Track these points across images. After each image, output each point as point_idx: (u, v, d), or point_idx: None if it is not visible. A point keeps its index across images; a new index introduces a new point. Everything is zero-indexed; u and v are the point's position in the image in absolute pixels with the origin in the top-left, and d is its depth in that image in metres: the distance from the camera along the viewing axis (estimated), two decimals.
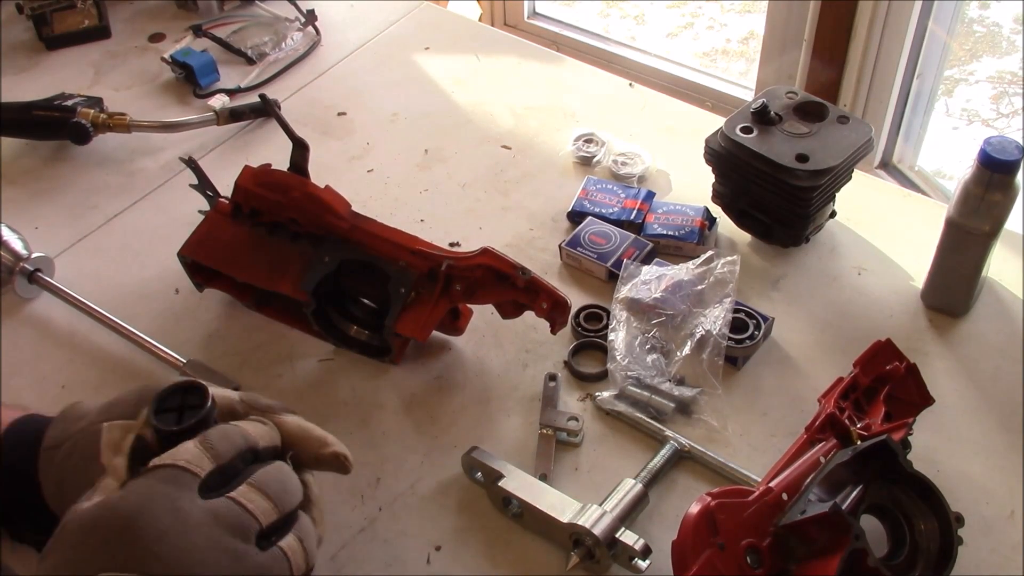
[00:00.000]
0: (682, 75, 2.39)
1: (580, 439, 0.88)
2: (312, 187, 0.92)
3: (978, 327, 0.96)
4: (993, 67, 2.65)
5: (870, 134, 0.98)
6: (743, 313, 0.94)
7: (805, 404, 0.88)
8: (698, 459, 0.85)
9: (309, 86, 1.36)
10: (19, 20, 1.48)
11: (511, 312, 0.92)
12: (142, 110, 1.33)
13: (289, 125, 0.94)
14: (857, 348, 0.83)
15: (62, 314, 1.02)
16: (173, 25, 1.49)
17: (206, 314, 1.02)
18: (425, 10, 1.50)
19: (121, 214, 1.16)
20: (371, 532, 0.82)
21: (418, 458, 0.88)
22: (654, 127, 1.25)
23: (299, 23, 1.44)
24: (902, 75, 1.89)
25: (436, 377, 0.95)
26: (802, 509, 0.67)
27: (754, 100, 1.00)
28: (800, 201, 0.96)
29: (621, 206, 1.09)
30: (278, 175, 0.94)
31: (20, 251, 1.03)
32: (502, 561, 0.79)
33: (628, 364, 0.91)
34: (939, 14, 1.82)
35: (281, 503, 0.60)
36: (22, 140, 1.26)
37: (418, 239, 0.91)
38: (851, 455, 0.70)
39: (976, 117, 2.54)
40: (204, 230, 0.97)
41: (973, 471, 0.84)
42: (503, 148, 1.23)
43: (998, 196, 0.87)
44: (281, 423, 0.67)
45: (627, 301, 0.96)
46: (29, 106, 1.22)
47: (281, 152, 0.95)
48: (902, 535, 0.72)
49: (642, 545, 0.74)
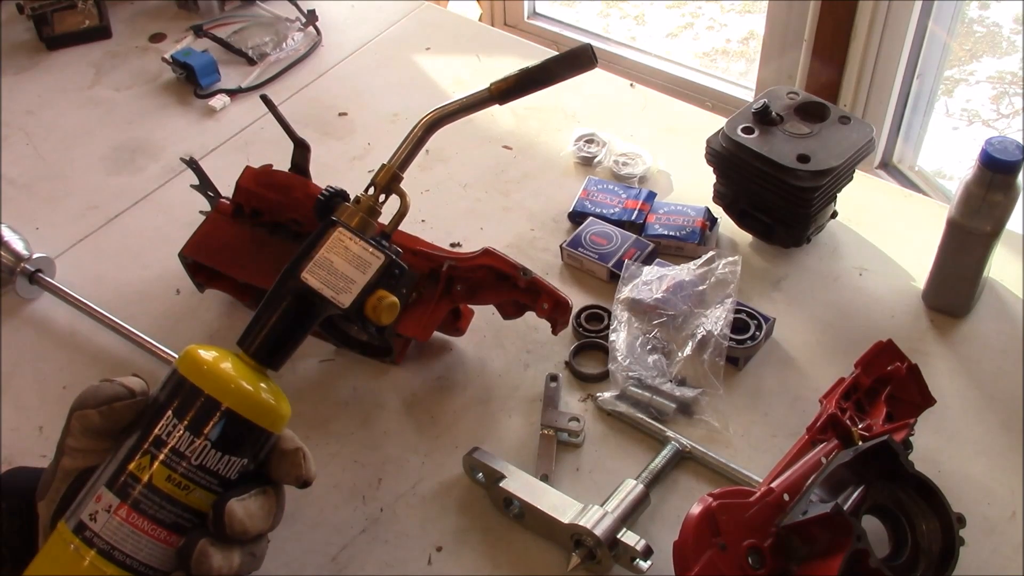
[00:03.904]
0: (682, 75, 2.39)
1: (581, 440, 0.88)
2: (313, 187, 0.93)
3: (979, 328, 0.96)
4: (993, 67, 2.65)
5: (871, 134, 0.98)
6: (744, 313, 0.94)
7: (806, 405, 0.88)
8: (699, 460, 0.85)
9: (310, 86, 1.36)
10: (20, 20, 1.48)
11: (512, 312, 0.92)
12: (142, 110, 1.33)
13: (290, 125, 0.94)
14: (858, 349, 0.83)
15: (63, 314, 1.02)
16: (174, 25, 1.48)
17: (207, 314, 1.02)
18: (425, 10, 1.50)
19: (122, 214, 1.16)
20: (372, 533, 0.82)
21: (419, 459, 0.88)
22: (655, 127, 1.24)
23: (300, 23, 1.44)
24: (902, 75, 1.89)
25: (437, 378, 0.95)
26: (804, 510, 0.67)
27: (755, 100, 1.00)
28: (801, 201, 0.96)
29: (622, 206, 1.09)
30: (279, 175, 0.94)
31: (21, 252, 1.03)
32: (503, 562, 0.79)
33: (629, 365, 0.91)
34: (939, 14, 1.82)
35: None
36: (22, 140, 1.27)
37: (419, 239, 0.91)
38: (852, 456, 0.70)
39: (976, 117, 2.54)
40: (205, 230, 0.97)
41: (975, 471, 0.84)
42: (504, 148, 1.23)
43: (999, 196, 0.87)
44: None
45: (628, 302, 0.96)
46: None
47: (282, 152, 0.96)
48: (904, 536, 0.72)
49: (643, 546, 0.74)
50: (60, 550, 0.60)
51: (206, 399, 0.61)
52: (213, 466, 0.61)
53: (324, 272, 0.68)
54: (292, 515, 0.84)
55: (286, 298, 0.68)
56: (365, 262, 0.70)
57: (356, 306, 0.69)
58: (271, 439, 0.64)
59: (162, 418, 0.61)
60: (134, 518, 0.59)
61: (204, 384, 0.61)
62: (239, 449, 0.62)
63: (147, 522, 0.59)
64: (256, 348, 0.66)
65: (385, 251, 0.71)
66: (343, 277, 0.69)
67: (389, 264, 0.70)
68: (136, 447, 0.61)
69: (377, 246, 0.71)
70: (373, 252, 0.70)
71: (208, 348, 0.64)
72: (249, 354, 0.66)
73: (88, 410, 0.61)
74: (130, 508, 0.59)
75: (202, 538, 0.59)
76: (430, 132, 0.80)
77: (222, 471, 0.61)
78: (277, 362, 0.67)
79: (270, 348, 0.67)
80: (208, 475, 0.61)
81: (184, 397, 0.61)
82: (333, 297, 0.68)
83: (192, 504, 0.61)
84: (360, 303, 0.69)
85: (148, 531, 0.59)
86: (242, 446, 0.62)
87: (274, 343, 0.67)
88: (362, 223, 0.73)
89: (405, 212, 0.77)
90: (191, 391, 0.61)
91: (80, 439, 0.62)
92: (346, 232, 0.70)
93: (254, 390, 0.62)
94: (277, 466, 0.64)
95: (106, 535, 0.59)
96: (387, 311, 0.70)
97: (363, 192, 0.76)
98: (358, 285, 0.69)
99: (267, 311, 0.67)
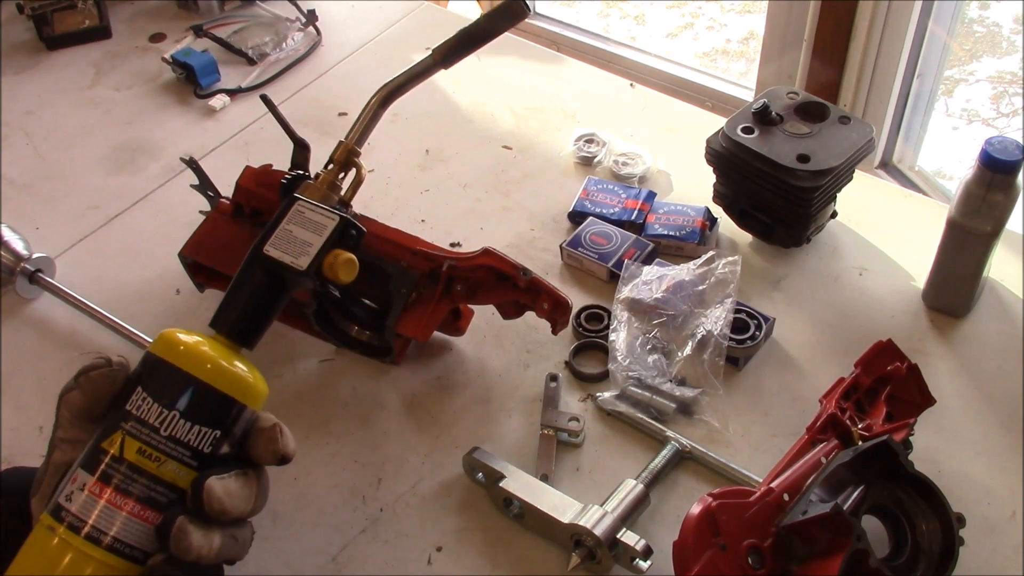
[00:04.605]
0: (682, 75, 2.38)
1: (581, 439, 0.88)
2: None
3: (979, 328, 0.96)
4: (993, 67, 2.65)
5: (871, 134, 0.98)
6: (744, 313, 0.94)
7: (806, 404, 0.88)
8: (699, 459, 0.85)
9: (310, 86, 1.36)
10: (20, 20, 1.48)
11: (512, 312, 0.92)
12: (142, 110, 1.33)
13: (290, 125, 0.94)
14: (858, 348, 0.83)
15: (63, 314, 1.02)
16: (174, 25, 1.49)
17: (207, 314, 0.99)
18: (425, 10, 1.50)
19: (122, 214, 1.16)
20: (372, 533, 0.82)
21: (419, 459, 0.88)
22: (655, 127, 1.24)
23: (300, 23, 1.44)
24: (902, 75, 1.89)
25: (437, 377, 0.95)
26: (803, 510, 0.67)
27: (755, 100, 1.00)
28: (801, 201, 0.96)
29: (622, 206, 1.09)
30: (279, 175, 0.94)
31: (21, 251, 1.03)
32: (503, 562, 0.79)
33: (629, 364, 0.91)
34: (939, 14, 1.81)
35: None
36: (22, 140, 1.27)
37: (419, 239, 0.91)
38: (852, 456, 0.70)
39: (976, 117, 2.53)
40: (205, 230, 0.97)
41: (975, 471, 0.84)
42: (504, 148, 1.23)
43: (999, 196, 0.87)
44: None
45: (628, 301, 0.96)
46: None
47: (282, 152, 0.95)
48: (904, 536, 0.72)
49: (643, 546, 0.74)
50: (38, 534, 0.59)
51: (173, 370, 0.61)
52: (183, 436, 0.60)
53: (284, 242, 0.71)
54: (292, 515, 0.84)
55: (253, 274, 0.70)
56: (321, 225, 0.72)
57: (314, 267, 0.71)
58: (244, 412, 0.63)
59: (132, 394, 0.61)
60: (108, 493, 0.59)
61: (172, 358, 0.62)
62: (210, 420, 0.61)
63: (119, 496, 0.59)
64: (229, 328, 0.67)
65: (340, 213, 0.73)
66: (301, 243, 0.71)
67: (344, 224, 0.73)
68: (109, 426, 0.61)
69: (331, 210, 0.73)
70: (327, 215, 0.73)
71: (184, 332, 0.64)
72: (223, 334, 0.67)
73: (70, 392, 0.61)
74: (101, 483, 0.59)
75: (180, 515, 0.58)
76: (384, 107, 0.83)
77: (193, 442, 0.61)
78: (251, 341, 0.68)
79: (243, 327, 0.68)
80: (179, 446, 0.60)
81: (152, 371, 0.62)
82: (292, 262, 0.70)
83: (165, 477, 0.60)
84: (318, 264, 0.71)
85: (120, 505, 0.59)
86: (213, 416, 0.61)
87: (246, 321, 0.68)
88: (323, 197, 0.76)
89: (361, 181, 0.80)
90: (159, 365, 0.62)
91: (68, 429, 0.62)
92: (304, 203, 0.73)
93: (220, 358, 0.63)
94: (255, 446, 0.64)
95: (80, 513, 0.58)
96: (343, 267, 0.72)
97: (323, 168, 0.77)
98: (314, 247, 0.71)
99: (236, 291, 0.69)
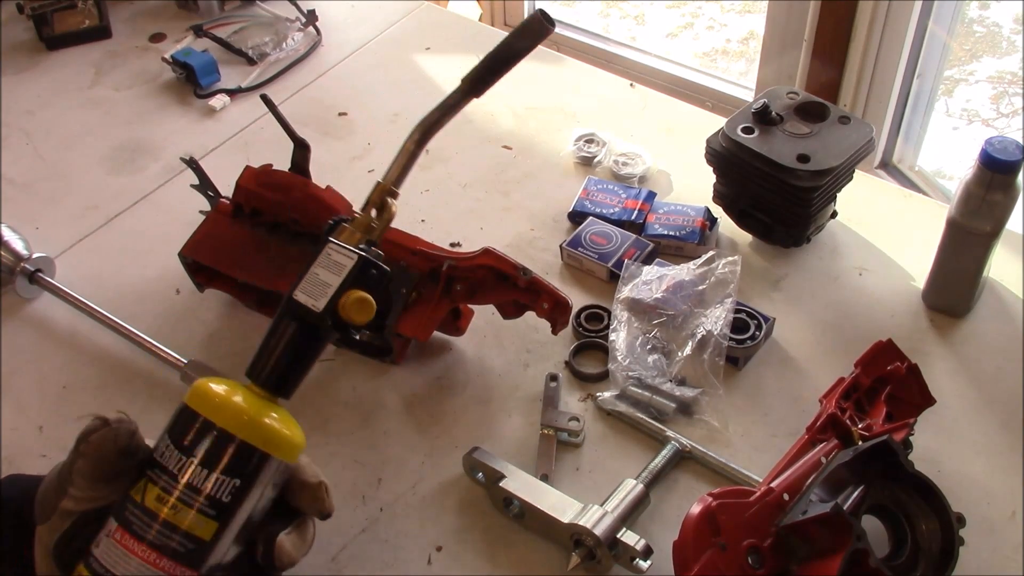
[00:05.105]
0: (682, 75, 2.38)
1: (581, 439, 0.88)
2: (313, 187, 0.93)
3: (979, 327, 0.96)
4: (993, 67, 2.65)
5: (871, 134, 0.98)
6: (744, 313, 0.94)
7: (806, 404, 0.88)
8: (699, 459, 0.85)
9: (310, 86, 1.36)
10: (19, 20, 1.48)
11: (512, 312, 0.92)
12: (143, 110, 1.33)
13: (290, 125, 0.94)
14: (858, 348, 0.83)
15: (63, 314, 1.02)
16: (174, 25, 1.49)
17: (207, 314, 1.02)
18: (425, 10, 1.50)
19: (122, 214, 1.16)
20: (372, 533, 0.82)
21: (419, 458, 0.88)
22: (655, 127, 1.25)
23: (300, 23, 1.44)
24: (902, 75, 1.89)
25: (437, 377, 0.95)
26: (803, 509, 0.67)
27: (755, 100, 1.00)
28: (801, 201, 0.96)
29: (622, 206, 1.09)
30: (279, 175, 0.94)
31: (21, 251, 1.03)
32: (503, 561, 0.79)
33: (629, 364, 0.91)
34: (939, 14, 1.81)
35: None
36: (22, 140, 1.27)
37: (419, 239, 0.91)
38: (852, 455, 0.70)
39: (976, 117, 2.53)
40: (205, 230, 0.97)
41: (974, 471, 0.84)
42: (504, 148, 1.23)
43: (999, 196, 0.87)
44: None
45: (628, 301, 0.96)
46: None
47: (282, 152, 0.96)
48: (903, 535, 0.72)
49: (643, 545, 0.74)
50: None
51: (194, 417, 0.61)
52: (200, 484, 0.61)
53: (311, 286, 0.68)
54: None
55: (284, 321, 0.67)
56: (340, 265, 0.69)
57: (330, 308, 0.67)
58: (268, 462, 0.63)
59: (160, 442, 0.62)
60: (126, 539, 0.60)
61: (195, 405, 0.62)
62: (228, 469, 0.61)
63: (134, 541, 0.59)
64: (263, 377, 0.66)
65: (359, 251, 0.69)
66: (322, 285, 0.68)
67: (363, 263, 0.69)
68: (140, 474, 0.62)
69: (352, 249, 0.70)
70: (347, 254, 0.69)
71: (219, 381, 0.64)
72: (258, 384, 0.66)
73: (79, 462, 0.61)
74: (122, 528, 0.60)
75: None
76: (420, 146, 0.79)
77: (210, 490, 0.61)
78: (286, 390, 0.67)
79: (277, 375, 0.66)
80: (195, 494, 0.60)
81: (178, 419, 0.62)
82: (312, 305, 0.67)
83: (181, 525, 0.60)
84: (334, 304, 0.68)
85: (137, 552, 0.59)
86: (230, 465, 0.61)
87: (280, 369, 0.67)
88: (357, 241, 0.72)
89: (389, 220, 0.76)
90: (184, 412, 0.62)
91: (83, 490, 0.62)
92: (334, 245, 0.70)
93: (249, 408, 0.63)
94: (299, 499, 0.66)
95: (102, 558, 0.60)
96: (354, 307, 0.68)
97: (359, 210, 0.75)
98: (332, 288, 0.68)
99: (269, 337, 0.67)
